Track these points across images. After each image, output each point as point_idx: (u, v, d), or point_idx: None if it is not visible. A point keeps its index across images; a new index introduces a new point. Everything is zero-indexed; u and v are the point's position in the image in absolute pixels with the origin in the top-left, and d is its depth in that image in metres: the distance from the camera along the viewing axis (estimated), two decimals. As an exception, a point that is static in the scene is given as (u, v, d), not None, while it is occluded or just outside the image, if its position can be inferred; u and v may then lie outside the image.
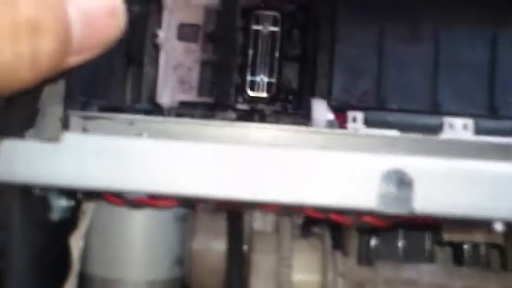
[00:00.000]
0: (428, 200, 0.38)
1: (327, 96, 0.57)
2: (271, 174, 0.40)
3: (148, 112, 0.56)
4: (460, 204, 0.39)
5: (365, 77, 0.57)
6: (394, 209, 0.38)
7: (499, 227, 0.39)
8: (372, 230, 0.56)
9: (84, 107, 0.48)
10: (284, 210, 0.47)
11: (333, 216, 0.42)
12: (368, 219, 0.42)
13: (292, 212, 0.48)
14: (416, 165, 0.39)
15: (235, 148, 0.41)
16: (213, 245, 0.57)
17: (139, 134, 0.43)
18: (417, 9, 0.57)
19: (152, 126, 0.47)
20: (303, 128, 0.49)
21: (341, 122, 0.56)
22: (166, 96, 0.58)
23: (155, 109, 0.57)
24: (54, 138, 0.41)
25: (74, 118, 0.46)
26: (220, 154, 0.41)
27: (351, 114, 0.56)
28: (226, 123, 0.48)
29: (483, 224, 0.42)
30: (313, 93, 0.59)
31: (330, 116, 0.57)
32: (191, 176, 0.41)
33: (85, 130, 0.43)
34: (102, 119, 0.46)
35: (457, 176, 0.39)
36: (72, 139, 0.41)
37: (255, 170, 0.40)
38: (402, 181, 0.39)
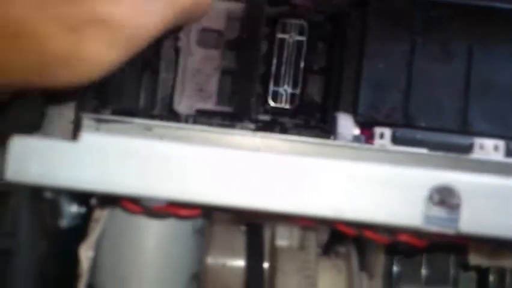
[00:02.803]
0: (475, 220, 0.36)
1: (353, 111, 0.55)
2: (304, 184, 0.38)
3: (163, 118, 0.53)
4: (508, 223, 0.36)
5: (392, 93, 0.55)
6: (440, 227, 0.36)
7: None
8: (401, 252, 0.53)
9: (96, 110, 0.46)
10: (314, 225, 0.44)
11: (367, 233, 0.39)
12: (404, 238, 0.39)
13: (324, 225, 0.45)
14: (464, 182, 0.37)
15: (262, 155, 0.38)
16: (229, 262, 0.55)
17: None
18: (450, 26, 0.55)
19: (170, 133, 0.45)
20: (330, 141, 0.47)
21: (366, 137, 0.54)
22: (183, 103, 0.56)
23: (172, 116, 0.55)
24: (71, 137, 0.39)
25: (87, 121, 0.44)
26: (244, 161, 0.39)
27: (378, 130, 0.54)
28: (247, 132, 0.46)
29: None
30: (337, 108, 0.56)
31: (356, 131, 0.55)
32: (215, 183, 0.39)
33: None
34: (116, 123, 0.44)
35: (505, 195, 0.36)
36: (90, 139, 0.39)
37: (286, 179, 0.38)
38: (450, 199, 0.36)
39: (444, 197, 0.35)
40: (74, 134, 0.39)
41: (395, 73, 0.55)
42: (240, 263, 0.53)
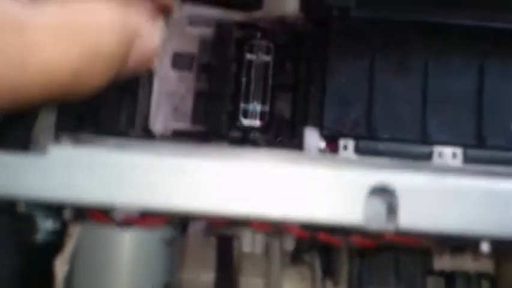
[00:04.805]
0: (414, 216, 0.39)
1: (320, 125, 0.58)
2: (258, 189, 0.41)
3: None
4: (445, 220, 0.39)
5: (356, 107, 0.58)
6: (380, 225, 0.39)
7: (485, 247, 0.40)
8: (362, 255, 0.56)
9: (75, 130, 0.49)
10: (273, 230, 0.47)
11: (321, 236, 0.42)
12: (355, 239, 0.42)
13: (281, 231, 0.48)
14: (402, 181, 0.40)
15: (225, 164, 0.41)
16: (202, 275, 0.57)
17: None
18: (407, 42, 0.59)
19: (142, 150, 0.48)
20: (294, 153, 0.50)
21: (332, 150, 0.57)
22: (159, 123, 0.59)
23: (148, 137, 0.58)
24: (42, 150, 0.42)
25: (65, 140, 0.47)
26: (210, 170, 0.42)
27: (342, 142, 0.57)
28: (218, 147, 0.49)
29: (470, 245, 0.42)
30: (305, 122, 0.59)
31: (322, 144, 0.58)
32: (183, 191, 0.41)
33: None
34: (93, 141, 0.47)
35: (442, 191, 0.40)
36: (60, 151, 0.42)
37: (243, 185, 0.41)
38: (387, 198, 0.40)
39: (383, 196, 0.38)
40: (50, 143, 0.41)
41: (357, 88, 0.59)
42: (212, 275, 0.56)
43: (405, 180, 0.39)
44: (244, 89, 0.61)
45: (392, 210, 0.38)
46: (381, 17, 0.57)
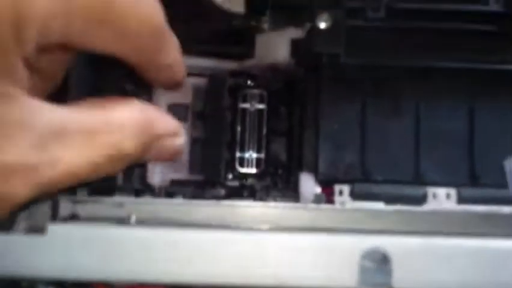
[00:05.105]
0: (406, 278, 0.40)
1: (315, 171, 0.59)
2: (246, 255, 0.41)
3: (138, 192, 0.57)
4: (439, 283, 0.40)
5: (349, 151, 0.59)
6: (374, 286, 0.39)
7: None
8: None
9: (74, 190, 0.51)
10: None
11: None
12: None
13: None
14: (395, 244, 0.41)
15: (222, 233, 0.42)
16: None
17: (128, 218, 0.45)
18: (397, 86, 0.60)
19: (141, 208, 0.49)
20: (290, 205, 0.51)
21: (328, 195, 0.58)
22: (156, 176, 0.60)
23: (146, 189, 0.59)
24: (41, 230, 0.43)
25: (64, 203, 0.48)
26: (208, 240, 0.43)
27: (337, 187, 0.57)
28: (215, 202, 0.50)
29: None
30: (301, 168, 0.60)
31: (318, 189, 0.59)
32: (181, 263, 0.42)
33: (74, 216, 0.45)
34: (91, 203, 0.48)
35: (436, 253, 0.40)
36: (58, 230, 0.43)
37: (240, 255, 0.42)
38: (380, 260, 0.40)
39: (376, 259, 0.39)
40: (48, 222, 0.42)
41: (350, 132, 0.60)
42: None
43: (399, 244, 0.40)
44: (240, 138, 0.62)
45: (385, 274, 0.39)
46: (371, 63, 0.58)
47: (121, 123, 0.36)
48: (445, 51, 0.58)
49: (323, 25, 0.57)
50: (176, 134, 0.41)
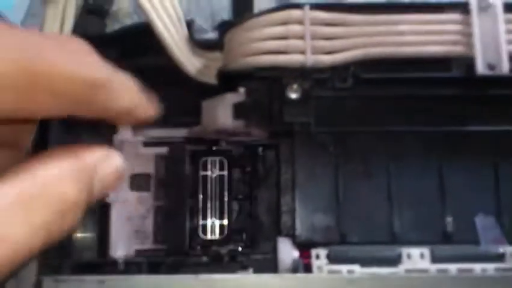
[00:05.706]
0: None
1: (292, 235, 0.61)
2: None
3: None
4: None
5: (325, 214, 0.61)
6: None
7: None
8: None
9: (57, 270, 0.52)
10: None
11: None
12: None
13: None
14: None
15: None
16: None
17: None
18: (367, 147, 0.62)
19: (121, 284, 0.50)
20: (269, 275, 0.53)
21: (305, 258, 0.59)
22: (120, 249, 0.61)
23: (108, 261, 0.60)
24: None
25: (47, 282, 0.49)
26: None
27: (314, 252, 0.59)
28: (193, 277, 0.51)
29: None
30: (279, 232, 0.62)
31: (296, 254, 0.60)
32: None
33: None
34: (73, 281, 0.49)
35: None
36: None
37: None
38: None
39: None
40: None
41: (325, 195, 0.61)
42: None
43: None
44: (202, 205, 0.63)
45: None
46: (340, 130, 0.61)
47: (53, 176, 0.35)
48: (412, 115, 0.61)
49: (293, 95, 0.59)
50: (107, 155, 0.39)
